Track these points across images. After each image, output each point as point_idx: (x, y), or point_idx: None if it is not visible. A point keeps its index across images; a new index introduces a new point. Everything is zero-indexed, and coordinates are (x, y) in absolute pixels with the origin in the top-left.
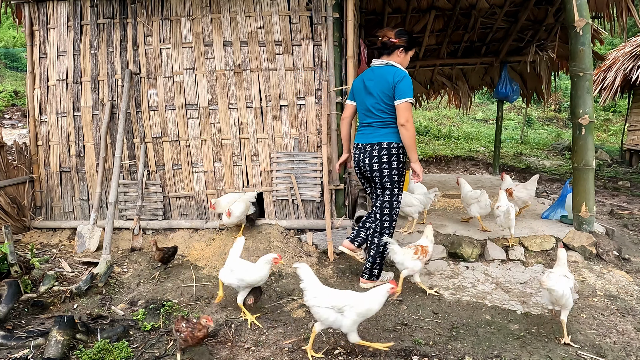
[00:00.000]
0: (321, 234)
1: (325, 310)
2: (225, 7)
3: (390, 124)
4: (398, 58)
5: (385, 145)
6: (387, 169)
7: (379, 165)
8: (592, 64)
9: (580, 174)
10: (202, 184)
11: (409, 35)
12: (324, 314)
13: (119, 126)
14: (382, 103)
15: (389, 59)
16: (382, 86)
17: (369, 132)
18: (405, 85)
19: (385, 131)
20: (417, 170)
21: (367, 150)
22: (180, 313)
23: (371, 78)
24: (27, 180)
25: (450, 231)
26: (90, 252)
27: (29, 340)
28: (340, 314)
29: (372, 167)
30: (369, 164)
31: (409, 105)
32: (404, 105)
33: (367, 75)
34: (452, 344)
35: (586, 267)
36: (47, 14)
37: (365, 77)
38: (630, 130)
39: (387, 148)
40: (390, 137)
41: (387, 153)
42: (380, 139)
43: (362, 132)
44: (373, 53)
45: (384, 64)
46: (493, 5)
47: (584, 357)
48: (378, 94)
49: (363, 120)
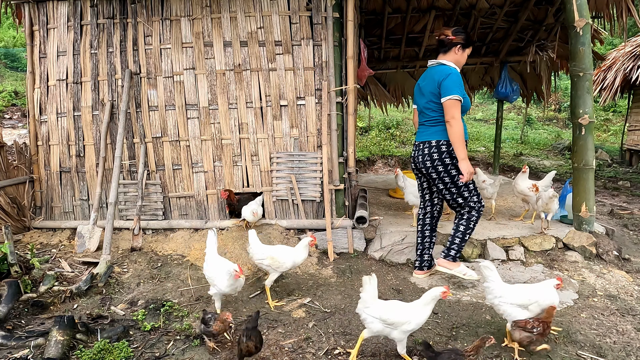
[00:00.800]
0: (321, 234)
1: (511, 307)
2: (225, 7)
3: (439, 122)
4: (455, 56)
5: (434, 143)
6: (441, 165)
7: (431, 163)
8: (592, 64)
9: (580, 174)
10: (202, 184)
11: (466, 33)
12: (511, 310)
13: (119, 126)
14: (430, 102)
15: (444, 57)
16: (430, 86)
17: (422, 130)
18: (450, 82)
19: (435, 129)
20: (462, 169)
21: (420, 148)
22: (180, 313)
23: (424, 79)
24: (27, 180)
25: (450, 231)
26: (90, 252)
27: (29, 340)
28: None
29: (425, 165)
30: (422, 162)
31: (454, 102)
32: (449, 102)
33: (423, 76)
34: (452, 344)
35: (586, 267)
36: (47, 14)
37: (421, 79)
38: (630, 130)
39: (436, 146)
40: (438, 135)
41: (436, 150)
42: (430, 137)
43: (418, 131)
44: (373, 53)
45: (436, 63)
46: (493, 5)
47: (584, 357)
48: (427, 93)
49: (420, 120)
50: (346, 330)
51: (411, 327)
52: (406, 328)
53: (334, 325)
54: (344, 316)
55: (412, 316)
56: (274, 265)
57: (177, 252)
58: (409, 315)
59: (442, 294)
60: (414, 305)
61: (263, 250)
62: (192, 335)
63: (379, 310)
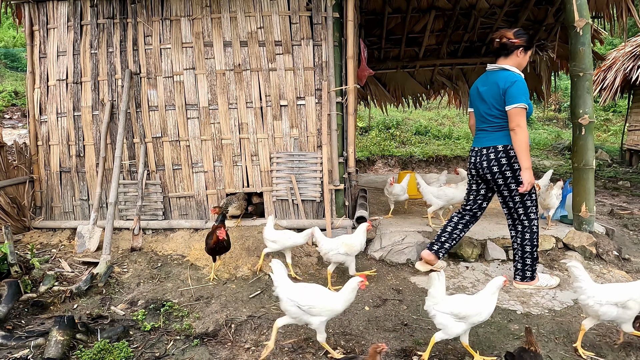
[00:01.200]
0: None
1: (607, 306)
2: (225, 7)
3: (504, 127)
4: (517, 59)
5: (501, 147)
6: (509, 170)
7: (499, 168)
8: (592, 64)
9: (580, 174)
10: (202, 184)
11: (528, 34)
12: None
13: (119, 126)
14: (493, 109)
15: (505, 61)
16: (493, 92)
17: (483, 135)
18: (516, 90)
19: (499, 134)
20: (524, 178)
21: (483, 154)
22: (180, 313)
23: (484, 84)
24: (27, 180)
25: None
26: (90, 252)
27: (29, 340)
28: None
29: (491, 170)
30: (488, 167)
31: (520, 111)
32: (515, 110)
33: (482, 81)
34: (452, 344)
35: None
36: (47, 14)
37: (479, 83)
38: (630, 130)
39: (503, 150)
40: (505, 139)
41: (505, 156)
42: (495, 142)
43: (478, 136)
44: (373, 53)
45: (497, 68)
46: (493, 5)
47: (584, 357)
48: (489, 100)
49: (479, 125)
50: (346, 330)
51: (482, 318)
52: (477, 319)
53: (334, 325)
54: (344, 316)
55: (482, 307)
56: (349, 250)
57: (177, 252)
58: (479, 306)
59: (504, 282)
60: (481, 296)
61: (335, 241)
62: (192, 335)
63: (449, 305)
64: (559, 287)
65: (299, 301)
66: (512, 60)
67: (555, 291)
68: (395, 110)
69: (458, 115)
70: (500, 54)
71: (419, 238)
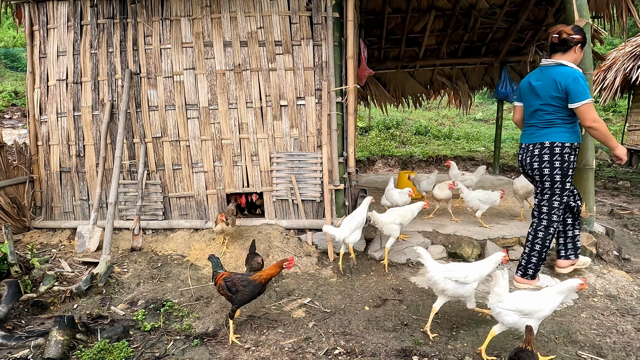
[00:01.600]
0: (321, 234)
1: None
2: (225, 7)
3: (555, 124)
4: (574, 55)
5: (547, 144)
6: (548, 168)
7: (539, 164)
8: (592, 64)
9: (581, 174)
10: (202, 184)
11: (583, 31)
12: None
13: (119, 126)
14: (548, 105)
15: (563, 57)
16: (550, 87)
17: (531, 132)
18: (580, 87)
19: (548, 130)
20: (619, 153)
21: (529, 150)
22: (180, 313)
23: (539, 79)
24: (27, 180)
25: (450, 231)
26: (90, 252)
27: (29, 340)
28: None
29: (532, 166)
30: (529, 163)
31: (589, 106)
32: (585, 107)
33: (535, 75)
34: (452, 344)
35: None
36: (47, 14)
37: (532, 77)
38: (630, 130)
39: (549, 147)
40: (553, 136)
41: (548, 152)
42: (542, 138)
43: (526, 132)
44: (373, 53)
45: (554, 64)
46: (493, 5)
47: (584, 357)
48: (545, 95)
49: (528, 120)
50: (346, 330)
51: (545, 314)
52: (541, 315)
53: (334, 325)
54: (344, 316)
55: (545, 304)
56: (403, 221)
57: (177, 252)
58: (543, 303)
59: (580, 286)
60: (545, 293)
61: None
62: (192, 335)
63: (514, 302)
64: None
65: (455, 275)
66: (570, 56)
67: None
68: (395, 110)
69: (458, 115)
70: (557, 50)
71: (419, 238)
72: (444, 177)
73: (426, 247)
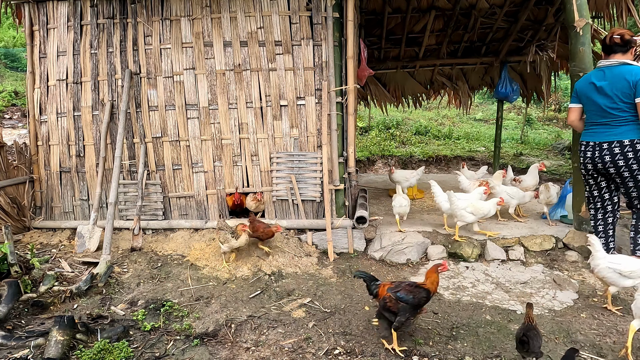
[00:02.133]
0: (321, 234)
1: None
2: (225, 7)
3: (629, 121)
4: (631, 55)
5: (627, 142)
6: (636, 164)
7: (625, 162)
8: (592, 64)
9: (580, 173)
10: (202, 184)
11: None
12: None
13: (119, 126)
14: (619, 102)
15: (624, 57)
16: (620, 86)
17: (603, 130)
18: None
19: (625, 128)
20: None
21: (604, 148)
22: (180, 313)
23: (603, 79)
24: (27, 180)
25: (450, 231)
26: (90, 252)
27: (29, 340)
28: None
29: (617, 164)
30: (612, 161)
31: None
32: None
33: (597, 75)
34: (452, 344)
35: (586, 267)
36: (47, 14)
37: (594, 78)
38: None
39: (630, 145)
40: (631, 134)
41: (631, 149)
42: (620, 136)
43: (596, 131)
44: (373, 53)
45: (617, 63)
46: (493, 5)
47: (584, 357)
48: (614, 94)
49: (595, 120)
50: (346, 330)
51: None
52: None
53: (334, 325)
54: (344, 316)
55: None
56: (475, 211)
57: (177, 252)
58: None
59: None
60: None
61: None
62: (192, 335)
63: None
64: (565, 286)
65: (620, 268)
66: (629, 56)
67: (556, 291)
68: (395, 110)
69: (458, 115)
70: (617, 51)
71: (419, 238)
72: (445, 177)
73: (426, 247)
